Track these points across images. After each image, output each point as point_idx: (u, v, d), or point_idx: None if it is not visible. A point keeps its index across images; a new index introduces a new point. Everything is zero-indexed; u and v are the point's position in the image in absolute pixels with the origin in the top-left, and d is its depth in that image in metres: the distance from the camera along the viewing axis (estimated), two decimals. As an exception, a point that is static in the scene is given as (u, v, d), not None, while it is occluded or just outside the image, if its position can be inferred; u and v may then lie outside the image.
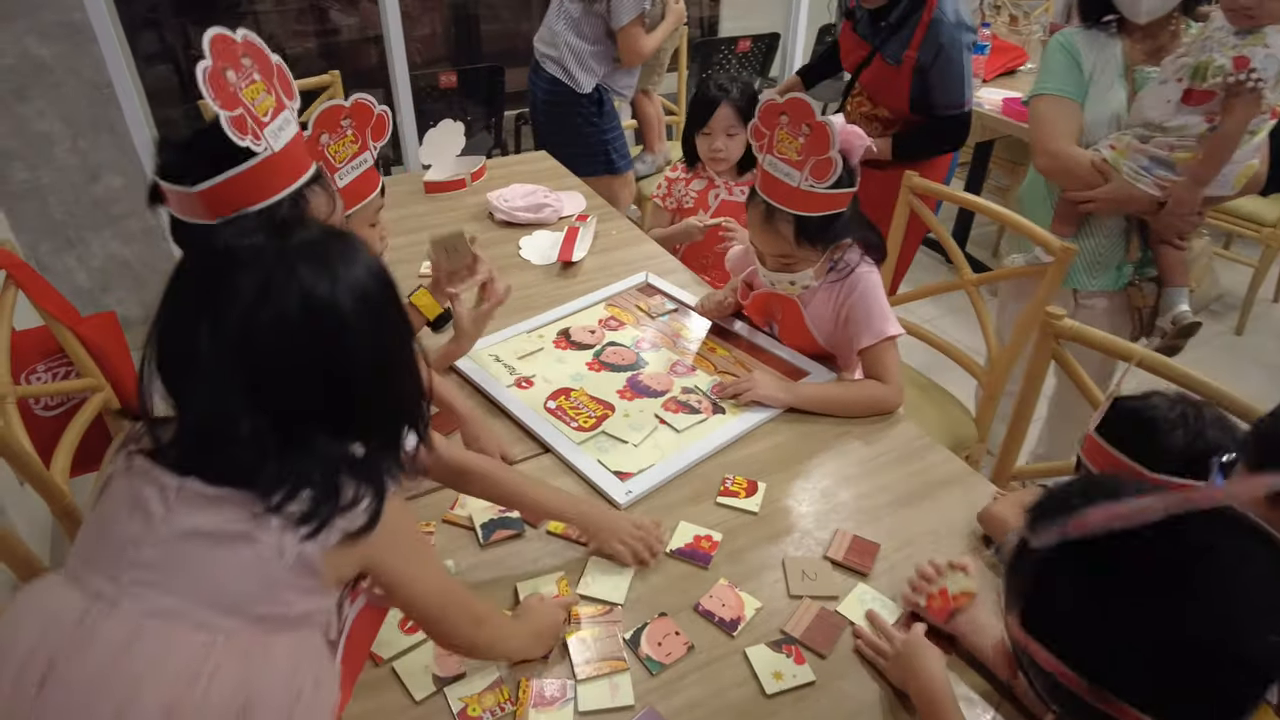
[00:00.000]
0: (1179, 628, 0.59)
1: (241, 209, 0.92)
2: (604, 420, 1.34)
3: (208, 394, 0.65)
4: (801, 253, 1.33)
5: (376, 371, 0.72)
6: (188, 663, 0.61)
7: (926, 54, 1.91)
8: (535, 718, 0.89)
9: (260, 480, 0.66)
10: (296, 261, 0.67)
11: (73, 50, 2.32)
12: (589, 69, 2.57)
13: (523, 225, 1.94)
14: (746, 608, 1.02)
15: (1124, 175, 1.65)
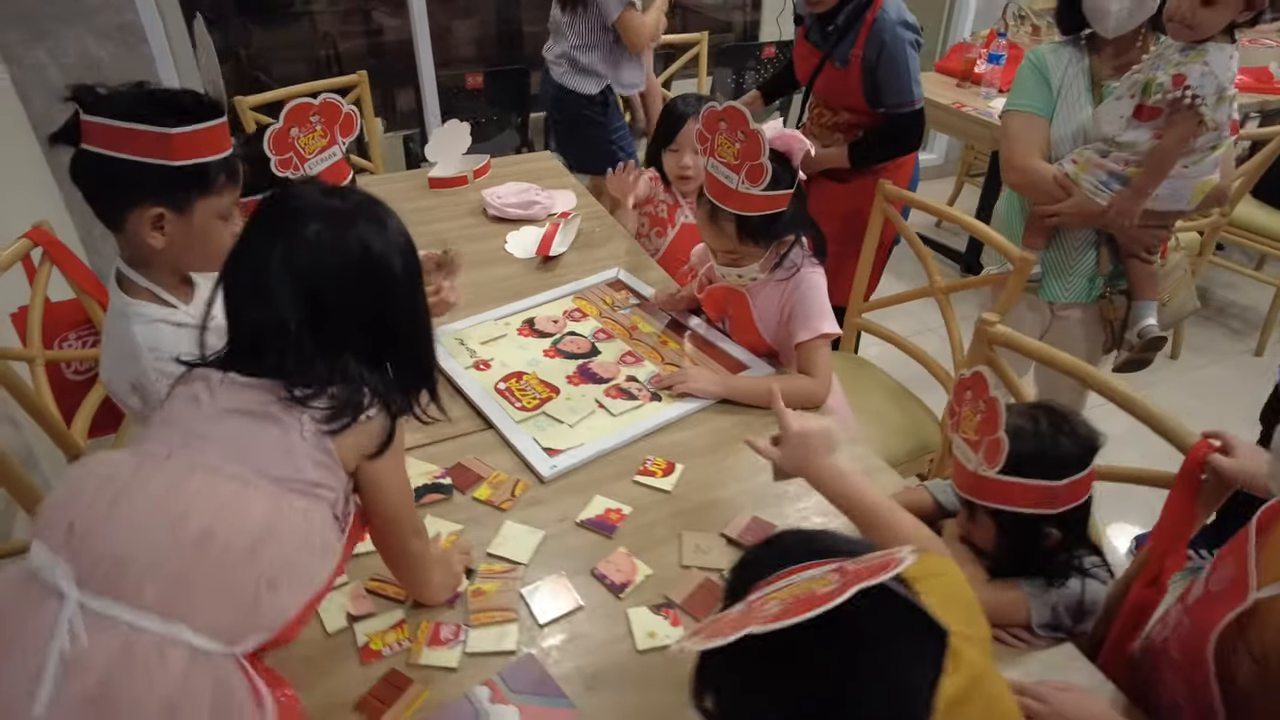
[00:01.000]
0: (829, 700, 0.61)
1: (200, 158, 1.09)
2: (546, 402, 1.45)
3: (268, 305, 0.82)
4: (745, 248, 1.42)
5: (405, 313, 0.90)
6: (226, 500, 0.77)
7: (871, 51, 1.95)
8: (428, 654, 1.01)
9: (293, 376, 0.82)
10: (358, 215, 0.86)
11: (125, 51, 2.54)
12: (590, 72, 2.68)
13: (512, 221, 2.07)
14: (638, 574, 1.12)
15: (1084, 189, 1.68)
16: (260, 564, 0.76)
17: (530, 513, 1.21)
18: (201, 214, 1.12)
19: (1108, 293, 1.85)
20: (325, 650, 1.02)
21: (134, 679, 0.69)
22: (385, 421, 0.88)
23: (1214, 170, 1.62)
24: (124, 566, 0.72)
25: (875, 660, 0.62)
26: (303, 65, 4.59)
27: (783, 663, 0.61)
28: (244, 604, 0.76)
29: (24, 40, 2.42)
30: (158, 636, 0.71)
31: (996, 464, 1.00)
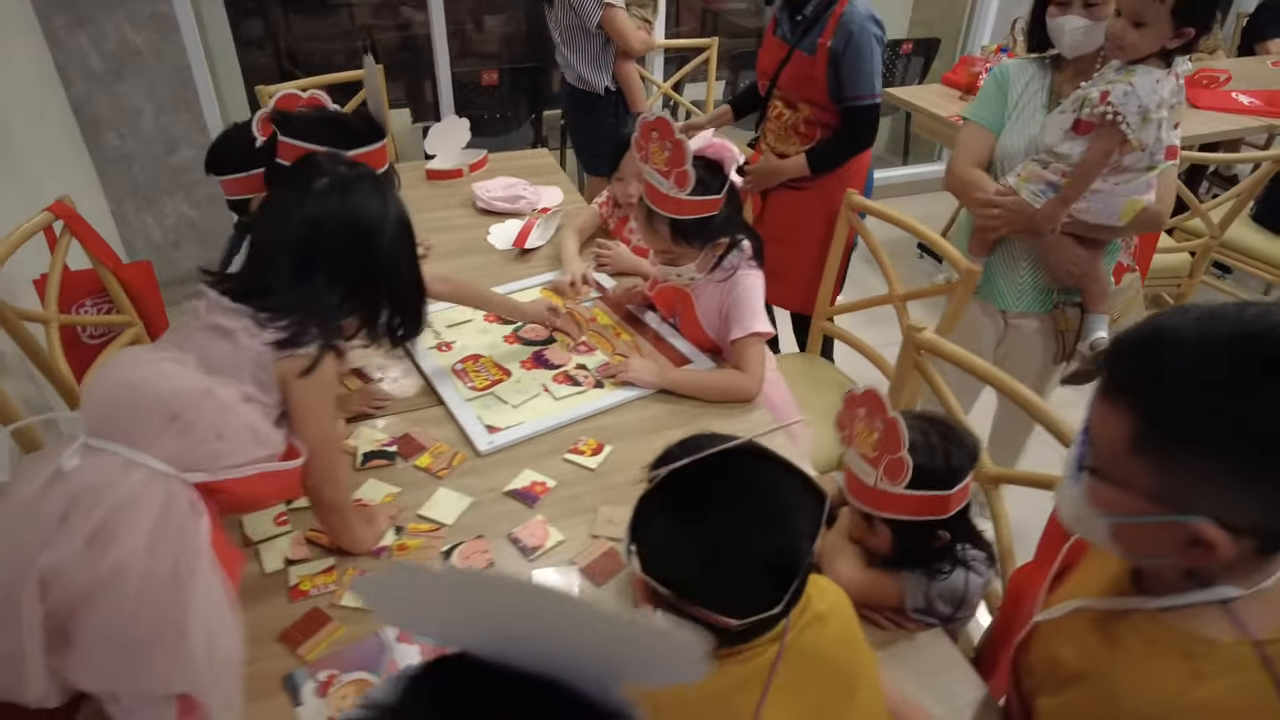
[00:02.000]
0: (727, 534, 0.78)
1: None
2: (497, 384, 1.56)
3: (267, 243, 1.08)
4: (679, 249, 1.52)
5: (388, 271, 1.13)
6: (177, 378, 1.00)
7: (839, 40, 2.02)
8: (349, 596, 1.13)
9: (264, 306, 1.03)
10: (360, 182, 1.11)
11: (160, 38, 2.72)
12: (600, 67, 2.79)
13: (498, 214, 2.19)
14: (550, 540, 1.23)
15: (1023, 196, 1.75)
16: (199, 418, 0.98)
17: (464, 481, 1.33)
18: None
19: (1061, 304, 1.91)
20: (261, 586, 1.15)
21: (105, 482, 0.92)
22: (320, 352, 1.06)
23: (1147, 191, 1.67)
24: (109, 414, 0.97)
25: (767, 500, 0.79)
26: (341, 55, 4.78)
27: (693, 500, 0.79)
28: (183, 444, 0.97)
29: (67, 25, 2.61)
30: (126, 459, 0.94)
31: (900, 481, 1.06)
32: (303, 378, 1.05)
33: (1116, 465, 0.72)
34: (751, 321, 1.54)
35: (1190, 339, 0.67)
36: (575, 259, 1.91)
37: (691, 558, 0.78)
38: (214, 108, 2.92)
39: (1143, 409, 0.69)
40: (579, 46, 2.73)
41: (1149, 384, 0.69)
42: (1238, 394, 0.65)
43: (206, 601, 0.93)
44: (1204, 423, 0.66)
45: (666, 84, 3.55)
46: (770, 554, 0.78)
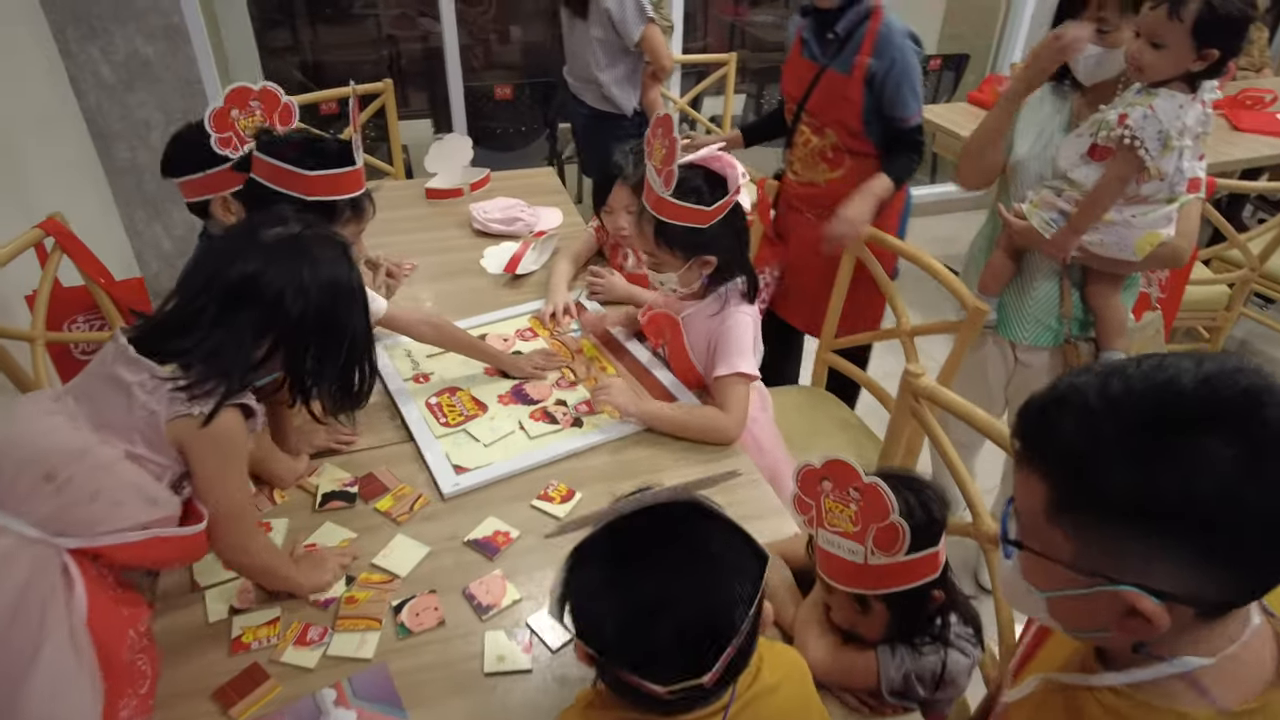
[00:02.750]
0: (654, 591, 0.74)
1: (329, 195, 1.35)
2: (471, 420, 1.51)
3: (196, 297, 1.00)
4: (662, 254, 1.48)
5: (300, 330, 1.04)
6: (58, 436, 0.94)
7: (880, 62, 1.91)
8: (291, 653, 1.08)
9: (174, 358, 0.97)
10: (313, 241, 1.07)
11: (170, 50, 2.72)
12: (631, 87, 2.74)
13: (494, 236, 2.14)
14: (506, 597, 1.17)
15: (1034, 224, 1.65)
16: (73, 477, 0.92)
17: (423, 527, 1.28)
18: None
19: (1073, 339, 1.81)
20: (201, 636, 1.10)
21: None
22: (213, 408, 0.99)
23: (1166, 225, 1.56)
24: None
25: (702, 558, 0.76)
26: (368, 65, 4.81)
27: (624, 553, 0.76)
28: (61, 504, 0.92)
29: (79, 37, 2.62)
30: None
31: (898, 549, 0.96)
32: (199, 438, 0.98)
33: (1037, 535, 0.68)
34: (738, 360, 1.47)
35: (1091, 399, 0.64)
36: (561, 289, 1.85)
37: (615, 615, 0.74)
38: (224, 120, 2.91)
39: (1051, 475, 0.66)
40: (612, 64, 2.68)
41: (1054, 448, 0.66)
42: (1136, 457, 0.61)
43: (51, 688, 0.87)
44: (1107, 488, 0.62)
45: (683, 99, 3.48)
46: (701, 616, 0.74)
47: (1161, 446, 0.60)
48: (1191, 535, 0.60)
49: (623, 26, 2.58)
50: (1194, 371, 0.61)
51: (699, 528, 0.78)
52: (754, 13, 4.94)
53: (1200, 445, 0.59)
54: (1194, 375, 0.61)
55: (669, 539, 0.77)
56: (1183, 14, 1.39)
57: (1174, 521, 0.61)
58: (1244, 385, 0.60)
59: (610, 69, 2.69)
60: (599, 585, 0.76)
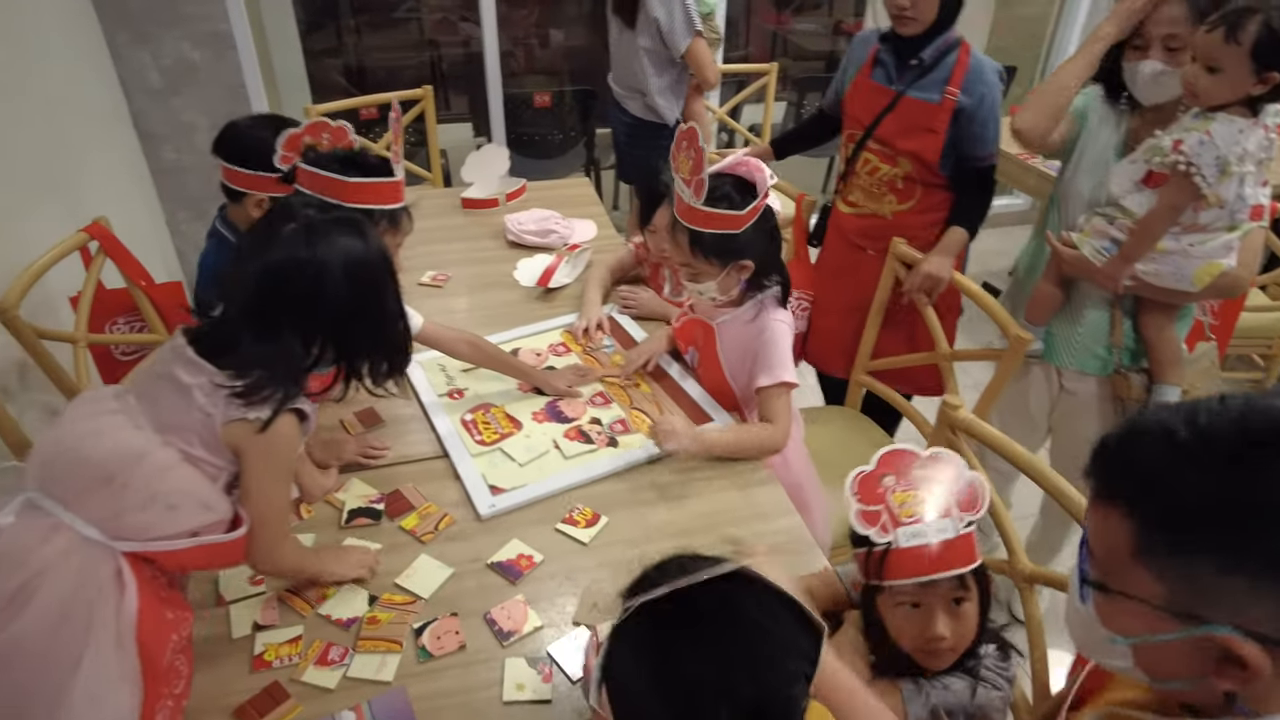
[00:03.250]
0: (705, 676, 0.69)
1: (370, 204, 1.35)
2: (506, 438, 1.50)
3: (240, 299, 1.01)
4: (698, 264, 1.46)
5: (339, 318, 1.04)
6: (119, 438, 0.97)
7: (970, 96, 1.82)
8: (312, 672, 1.08)
9: (232, 363, 0.99)
10: (329, 224, 1.04)
11: (216, 56, 2.77)
12: (675, 98, 2.73)
13: (528, 247, 2.13)
14: (528, 624, 1.15)
15: (1085, 253, 1.60)
16: (131, 481, 0.94)
17: (447, 548, 1.27)
18: None
19: (1123, 369, 1.74)
20: (224, 652, 1.10)
21: (28, 547, 0.90)
22: (271, 414, 1.01)
23: (1226, 255, 1.50)
24: (50, 470, 0.96)
25: (754, 636, 0.71)
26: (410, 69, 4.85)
27: (668, 637, 0.71)
28: (118, 508, 0.94)
29: (129, 42, 2.67)
30: (55, 521, 0.92)
31: (979, 507, 0.99)
32: (255, 442, 1.01)
33: (1120, 577, 0.65)
34: (781, 370, 1.46)
35: (1178, 431, 0.61)
36: (595, 304, 1.83)
37: (664, 703, 0.70)
38: (267, 125, 2.95)
39: (1135, 512, 0.63)
40: (658, 74, 2.67)
41: (1138, 483, 0.63)
42: (1231, 487, 0.58)
43: (93, 689, 0.89)
44: (1204, 519, 0.59)
45: (722, 109, 3.45)
46: (760, 701, 0.69)
47: (1259, 475, 0.57)
48: None
49: (670, 37, 2.56)
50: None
51: (748, 602, 0.73)
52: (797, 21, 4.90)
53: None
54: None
55: (718, 616, 0.72)
56: (1240, 37, 1.33)
57: (1275, 556, 0.57)
58: None
59: (656, 78, 2.68)
60: (644, 670, 0.72)
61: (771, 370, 1.47)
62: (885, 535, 1.01)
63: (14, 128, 2.00)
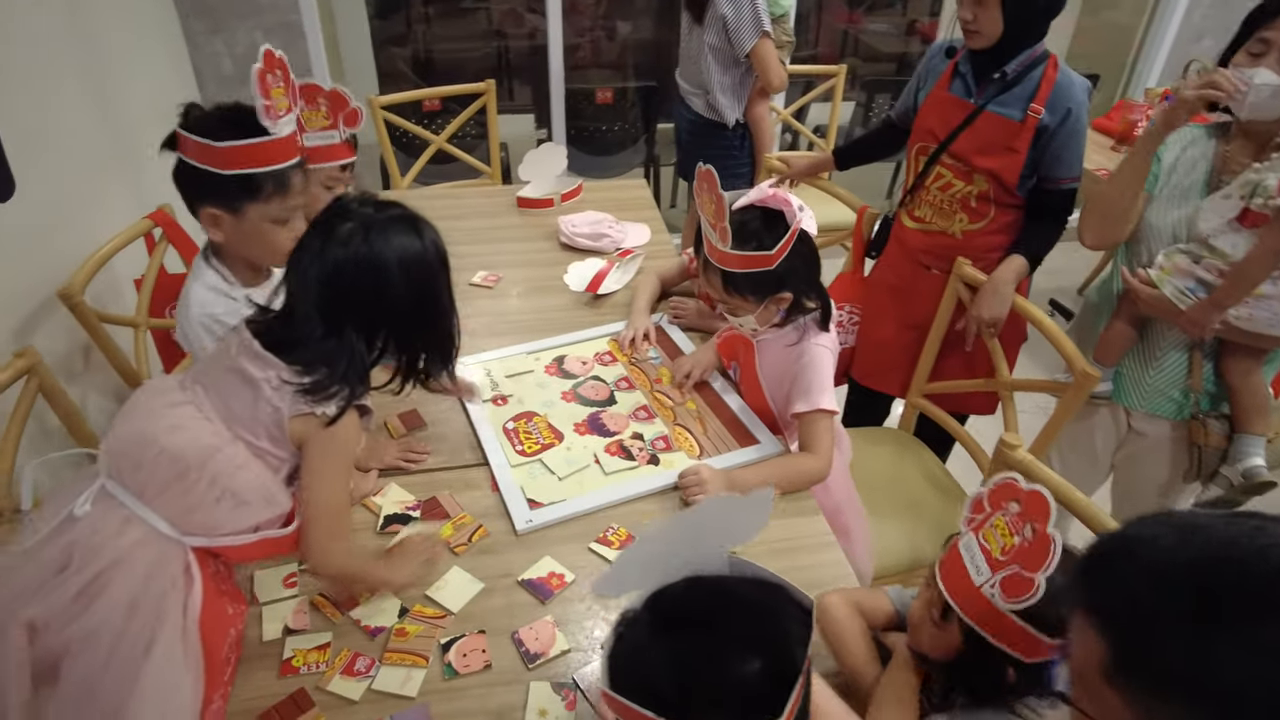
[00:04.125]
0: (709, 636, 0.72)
1: (246, 168, 1.25)
2: (548, 449, 1.48)
3: (295, 293, 1.03)
4: (734, 300, 1.42)
5: (399, 315, 1.06)
6: (190, 433, 0.99)
7: (1054, 115, 1.72)
8: (337, 682, 1.07)
9: (292, 360, 1.01)
10: (388, 222, 1.04)
11: (286, 44, 2.79)
12: (737, 99, 2.68)
13: (580, 251, 2.11)
14: (555, 647, 1.13)
15: (1166, 294, 1.50)
16: (202, 477, 0.98)
17: (478, 561, 1.26)
18: (252, 217, 1.29)
19: (1200, 415, 1.64)
20: (253, 655, 1.11)
21: (103, 538, 0.94)
22: (340, 409, 1.03)
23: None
24: (124, 461, 0.98)
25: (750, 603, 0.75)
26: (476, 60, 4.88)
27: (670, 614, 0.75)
28: (184, 506, 0.98)
29: (204, 31, 2.74)
30: (129, 512, 0.96)
31: (1015, 601, 0.89)
32: (319, 436, 1.03)
33: (1091, 692, 0.62)
34: (820, 396, 1.41)
35: (1162, 559, 0.58)
36: (643, 313, 1.80)
37: (672, 668, 0.71)
38: (332, 114, 2.99)
39: (1109, 635, 0.60)
40: (722, 72, 2.63)
41: (1115, 608, 0.60)
42: (1202, 636, 0.54)
43: (160, 680, 0.91)
44: (1168, 664, 0.56)
45: (787, 110, 3.38)
46: (762, 654, 0.71)
47: (1231, 629, 0.54)
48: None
49: (736, 35, 2.51)
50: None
51: (737, 584, 0.78)
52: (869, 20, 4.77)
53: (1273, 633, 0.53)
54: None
55: (710, 595, 0.77)
56: None
57: (1237, 712, 0.54)
58: None
59: (720, 76, 2.63)
60: (651, 650, 0.74)
61: (809, 396, 1.42)
62: (967, 529, 0.98)
63: (88, 114, 2.06)
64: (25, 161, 1.71)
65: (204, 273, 1.36)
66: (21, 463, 1.40)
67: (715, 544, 0.80)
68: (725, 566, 0.80)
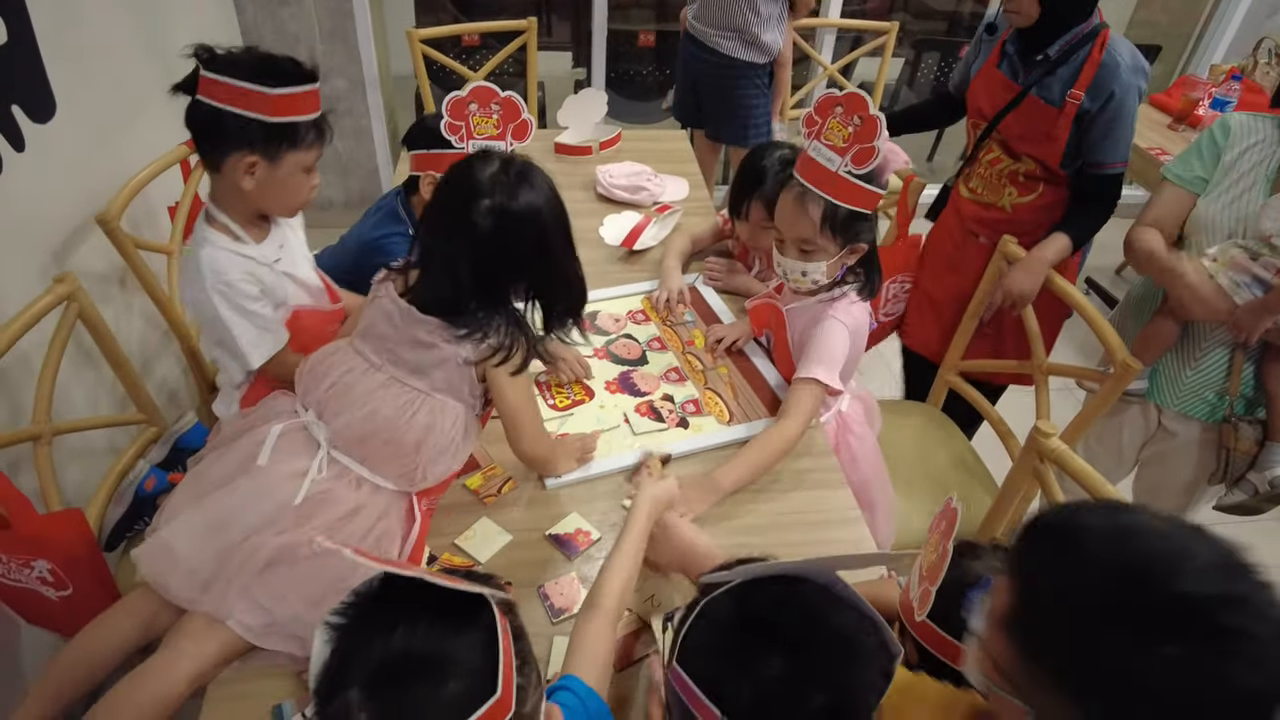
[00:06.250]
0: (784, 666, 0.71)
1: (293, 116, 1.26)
2: (578, 405, 1.48)
3: (447, 264, 1.10)
4: (822, 241, 1.37)
5: (556, 266, 1.16)
6: (403, 404, 1.14)
7: (1095, 99, 1.66)
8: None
9: (457, 320, 1.11)
10: (519, 182, 1.10)
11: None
12: (778, 32, 2.62)
13: (616, 203, 2.08)
14: (579, 604, 1.15)
15: (1220, 283, 1.46)
16: (418, 452, 1.15)
17: (507, 514, 1.27)
18: (288, 165, 1.29)
19: (1234, 419, 1.61)
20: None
21: (341, 494, 1.13)
22: (520, 358, 1.15)
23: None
24: (348, 436, 1.15)
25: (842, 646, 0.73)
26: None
27: (764, 629, 0.74)
28: (408, 471, 1.16)
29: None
30: (358, 476, 1.15)
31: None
32: (505, 381, 1.16)
33: (992, 631, 0.70)
34: (816, 366, 1.39)
35: (1088, 555, 0.63)
36: (674, 273, 1.78)
37: (754, 682, 0.71)
38: (369, 42, 2.93)
39: (1024, 602, 0.66)
40: (767, 2, 2.54)
41: (1030, 579, 0.67)
42: (1093, 635, 0.60)
43: None
44: (1051, 650, 0.64)
45: (835, 65, 3.28)
46: (838, 698, 0.71)
47: (1119, 637, 0.59)
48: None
49: None
50: (1197, 576, 0.59)
51: (835, 611, 0.75)
52: (923, -27, 4.57)
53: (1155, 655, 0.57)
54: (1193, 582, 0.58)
55: (806, 615, 0.75)
56: None
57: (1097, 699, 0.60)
58: (1221, 623, 0.57)
59: (765, 7, 2.53)
60: (732, 646, 0.73)
61: (808, 364, 1.39)
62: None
63: (124, 38, 2.02)
64: (66, 84, 1.69)
65: (211, 236, 1.32)
66: (60, 384, 1.42)
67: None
68: (831, 579, 0.78)
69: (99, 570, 1.33)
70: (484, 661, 0.68)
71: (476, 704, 0.65)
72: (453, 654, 0.67)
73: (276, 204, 1.35)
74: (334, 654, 0.68)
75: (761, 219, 1.67)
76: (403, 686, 0.65)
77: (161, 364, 2.13)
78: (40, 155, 1.62)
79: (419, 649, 0.67)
